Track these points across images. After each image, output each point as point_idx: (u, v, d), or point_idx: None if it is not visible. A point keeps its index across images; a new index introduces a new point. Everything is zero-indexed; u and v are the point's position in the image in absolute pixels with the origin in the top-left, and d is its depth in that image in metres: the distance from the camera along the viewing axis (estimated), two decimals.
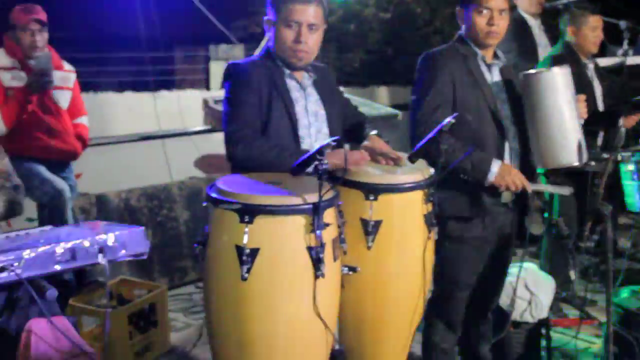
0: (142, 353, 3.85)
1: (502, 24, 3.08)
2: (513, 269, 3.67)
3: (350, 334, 2.83)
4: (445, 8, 6.88)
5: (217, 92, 5.62)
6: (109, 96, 5.75)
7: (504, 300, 3.67)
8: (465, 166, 2.95)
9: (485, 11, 3.05)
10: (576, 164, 3.01)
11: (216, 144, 5.72)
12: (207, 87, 7.43)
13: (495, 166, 2.97)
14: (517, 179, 2.98)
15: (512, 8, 5.19)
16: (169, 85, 6.82)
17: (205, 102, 4.96)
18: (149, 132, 5.35)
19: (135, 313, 3.84)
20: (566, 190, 3.04)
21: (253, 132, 2.72)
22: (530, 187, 3.01)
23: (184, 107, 5.62)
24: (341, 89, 3.26)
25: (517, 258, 3.75)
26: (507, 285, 3.60)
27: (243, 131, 2.70)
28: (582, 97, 3.12)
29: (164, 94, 5.79)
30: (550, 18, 5.58)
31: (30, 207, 4.08)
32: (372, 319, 2.78)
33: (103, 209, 4.65)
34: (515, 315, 3.75)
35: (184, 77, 8.89)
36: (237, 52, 8.10)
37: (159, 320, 3.97)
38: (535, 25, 5.49)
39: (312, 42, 2.82)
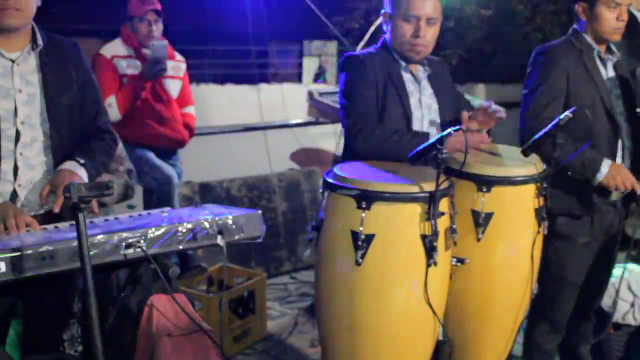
0: (240, 338, 3.94)
1: (626, 19, 3.05)
2: (616, 270, 3.62)
3: (454, 326, 2.83)
4: (546, 6, 6.77)
5: (316, 86, 5.69)
6: (211, 88, 5.88)
7: (605, 302, 3.63)
8: (575, 164, 2.93)
9: (615, 6, 3.01)
10: None
11: (316, 136, 5.80)
12: (300, 82, 7.52)
13: (605, 166, 2.94)
14: (627, 180, 2.94)
15: None
16: (263, 78, 6.94)
17: (311, 95, 5.03)
18: (252, 123, 5.46)
19: (234, 299, 3.95)
20: None
21: (371, 123, 2.77)
22: None
23: (286, 99, 5.72)
24: None
25: (620, 260, 3.70)
26: (610, 286, 3.55)
27: (362, 123, 2.76)
28: None
29: (264, 86, 5.90)
30: None
31: None
32: (476, 312, 2.78)
33: (206, 197, 4.79)
34: (617, 317, 3.70)
35: (277, 71, 9.01)
36: (330, 49, 8.17)
37: (257, 308, 4.06)
38: None
39: (430, 36, 2.86)
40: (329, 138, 5.39)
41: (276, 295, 4.76)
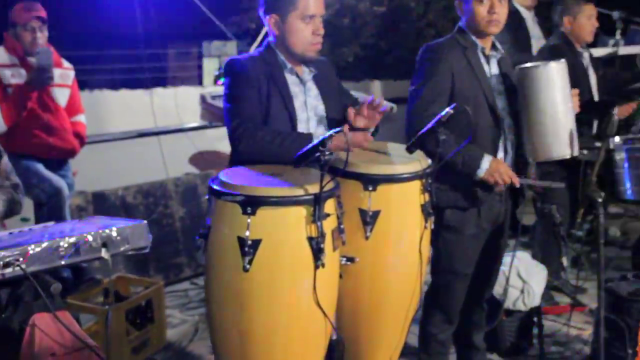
0: (139, 349, 3.86)
1: (502, 11, 3.13)
2: (506, 259, 3.72)
3: (347, 324, 2.86)
4: (438, 1, 6.92)
5: (211, 89, 5.64)
6: (105, 94, 5.76)
7: (497, 290, 3.73)
8: (456, 161, 3.01)
9: (485, 0, 3.09)
10: (568, 156, 3.07)
11: (212, 139, 5.75)
12: (200, 84, 7.45)
13: (486, 162, 3.03)
14: (505, 175, 3.04)
15: None
16: (162, 82, 6.84)
17: (203, 98, 4.99)
18: (145, 129, 5.37)
19: (132, 310, 3.87)
20: (556, 184, 3.10)
21: (254, 126, 2.76)
22: (519, 182, 3.07)
23: (180, 103, 5.65)
24: None
25: (509, 248, 3.82)
26: (500, 274, 3.66)
27: (245, 125, 2.74)
28: (576, 91, 3.18)
29: (159, 91, 5.81)
30: (543, 10, 5.63)
31: (25, 207, 4.10)
32: (369, 309, 2.82)
33: (100, 207, 4.69)
34: (508, 304, 3.82)
35: (177, 74, 8.89)
36: (230, 49, 8.12)
37: (156, 317, 4.00)
38: (529, 17, 5.55)
39: (322, 32, 2.89)
40: (226, 140, 5.29)
41: (176, 302, 4.70)
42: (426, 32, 6.81)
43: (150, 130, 5.35)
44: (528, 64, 3.10)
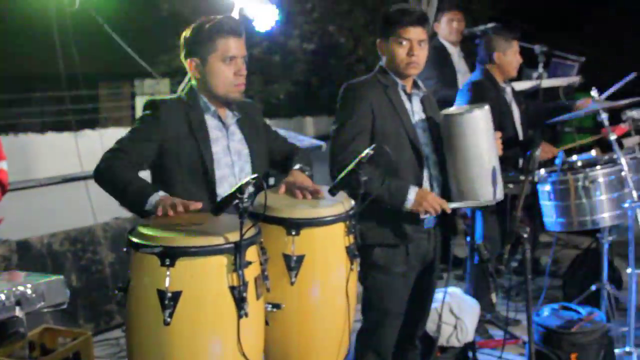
0: None
1: (421, 54, 3.16)
2: (438, 295, 3.74)
3: None
4: (368, 37, 6.98)
5: None
6: (30, 138, 5.62)
7: (430, 326, 3.73)
8: (382, 195, 3.00)
9: (404, 42, 3.12)
10: (492, 202, 3.09)
11: None
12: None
13: (412, 193, 3.04)
14: (435, 203, 3.04)
15: (432, 37, 5.33)
16: (93, 123, 6.72)
17: None
18: (71, 173, 5.25)
19: None
20: (485, 203, 3.11)
21: (123, 156, 2.74)
22: (449, 208, 3.08)
23: (107, 145, 5.54)
24: (267, 121, 3.28)
25: (443, 282, 3.83)
26: (433, 311, 3.66)
27: (115, 154, 2.74)
28: (499, 134, 3.21)
29: (87, 133, 5.71)
30: (469, 45, 5.74)
31: None
32: (298, 354, 2.77)
33: (25, 256, 4.54)
34: (442, 341, 3.83)
35: (110, 115, 8.76)
36: (163, 87, 8.06)
37: None
38: (455, 53, 5.66)
39: (245, 73, 2.87)
40: None
41: (108, 351, 4.56)
42: (356, 68, 6.87)
43: (76, 174, 5.23)
44: (453, 110, 3.13)
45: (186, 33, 2.88)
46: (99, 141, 5.56)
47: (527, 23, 6.70)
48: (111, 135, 5.68)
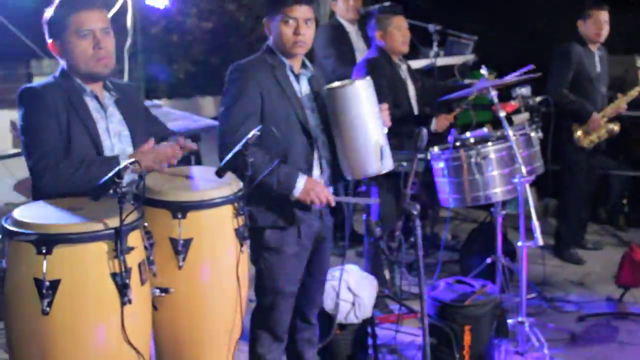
0: None
1: (308, 33, 3.12)
2: (335, 272, 3.76)
3: (169, 356, 2.78)
4: None
5: None
6: None
7: (328, 304, 3.74)
8: (270, 182, 2.98)
9: (291, 21, 3.07)
10: (380, 172, 3.10)
11: None
12: None
13: (301, 182, 3.02)
14: (321, 194, 3.05)
15: (331, 15, 5.33)
16: None
17: (13, 124, 4.72)
18: None
19: None
20: (368, 201, 3.14)
21: (56, 158, 2.62)
22: (334, 201, 3.09)
23: None
24: (165, 102, 3.20)
25: (340, 260, 3.85)
26: (330, 288, 3.68)
27: (46, 160, 2.60)
28: (385, 105, 3.23)
29: None
30: (366, 23, 5.76)
31: None
32: (189, 338, 2.74)
33: None
34: (341, 318, 3.83)
35: (5, 97, 8.40)
36: None
37: None
38: (353, 31, 5.67)
39: (110, 46, 2.77)
40: None
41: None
42: (257, 47, 6.79)
43: None
44: (334, 84, 3.12)
45: (45, 15, 2.77)
46: None
47: (425, 2, 6.79)
48: (2, 117, 5.46)
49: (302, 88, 3.21)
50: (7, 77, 9.33)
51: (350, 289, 3.86)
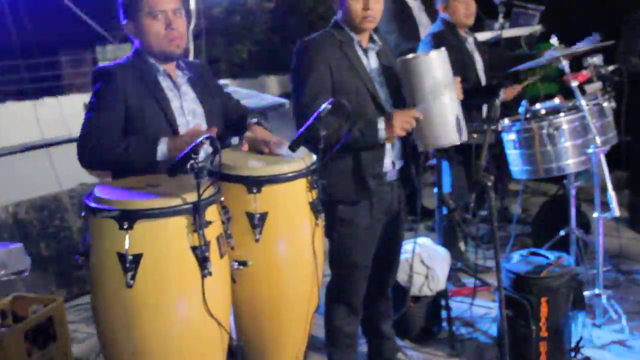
0: None
1: (377, 7, 3.11)
2: (408, 246, 3.76)
3: (248, 328, 2.84)
4: None
5: None
6: None
7: (402, 277, 3.76)
8: (357, 137, 2.98)
9: None
10: (457, 143, 3.07)
11: None
12: None
13: (381, 122, 3.01)
14: (404, 118, 3.00)
15: None
16: (55, 91, 6.59)
17: (86, 106, 4.83)
18: (32, 142, 5.16)
19: (31, 329, 3.71)
20: (449, 145, 3.07)
21: (105, 135, 2.68)
22: (418, 112, 3.01)
23: (68, 113, 5.44)
24: (230, 81, 3.24)
25: (413, 234, 3.85)
26: (404, 262, 3.69)
27: (92, 135, 2.68)
28: (458, 78, 3.18)
29: (46, 101, 5.59)
30: None
31: None
32: (268, 310, 2.78)
33: None
34: (414, 290, 3.85)
35: (72, 81, 8.61)
36: (126, 52, 7.89)
37: (58, 334, 3.85)
38: (415, 6, 5.60)
39: (182, 27, 2.82)
40: None
41: (82, 315, 4.53)
42: (318, 25, 6.81)
43: (37, 142, 5.14)
44: (409, 55, 3.09)
45: None
46: (59, 108, 5.46)
47: None
48: (70, 102, 5.60)
49: (371, 62, 3.19)
50: (74, 62, 9.55)
51: (424, 262, 3.87)
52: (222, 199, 2.51)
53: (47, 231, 4.70)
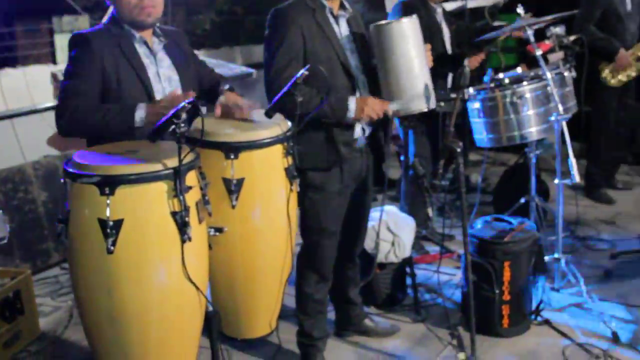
0: (11, 343, 3.71)
1: None
2: (375, 214, 3.82)
3: (223, 294, 2.87)
4: None
5: (63, 66, 5.34)
6: None
7: (368, 244, 3.82)
8: (325, 112, 3.02)
9: None
10: (425, 109, 3.13)
11: None
12: (54, 61, 7.12)
13: (352, 102, 3.06)
14: (376, 107, 3.06)
15: None
16: (11, 62, 6.47)
17: (54, 76, 4.77)
18: None
19: None
20: (418, 111, 3.13)
21: (83, 101, 2.68)
22: (391, 109, 3.09)
23: (31, 83, 5.36)
24: (196, 52, 3.24)
25: (378, 203, 3.91)
26: (371, 229, 3.74)
27: (71, 101, 2.67)
28: (428, 46, 3.23)
29: (8, 71, 5.49)
30: None
31: None
32: (242, 276, 2.82)
33: None
34: (381, 257, 3.92)
35: (29, 53, 8.45)
36: (82, 23, 7.77)
37: (26, 307, 3.84)
38: None
39: None
40: None
41: (47, 289, 4.52)
42: None
43: (1, 113, 5.06)
44: (382, 22, 3.13)
45: None
46: (23, 78, 5.38)
47: None
48: (35, 72, 5.51)
49: (342, 29, 3.22)
50: (30, 34, 9.36)
51: (390, 229, 3.94)
52: (200, 164, 2.53)
53: (12, 203, 4.65)
